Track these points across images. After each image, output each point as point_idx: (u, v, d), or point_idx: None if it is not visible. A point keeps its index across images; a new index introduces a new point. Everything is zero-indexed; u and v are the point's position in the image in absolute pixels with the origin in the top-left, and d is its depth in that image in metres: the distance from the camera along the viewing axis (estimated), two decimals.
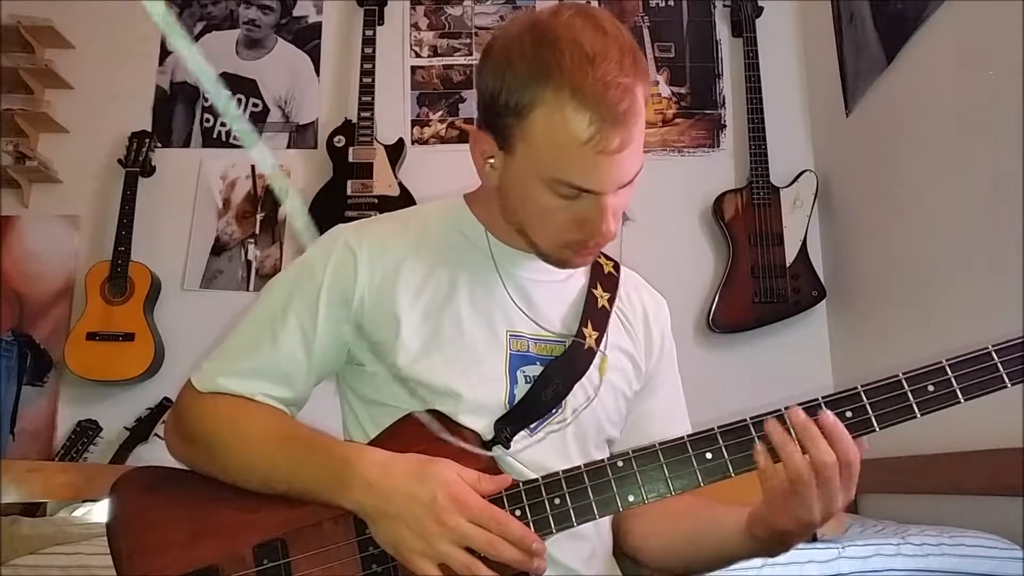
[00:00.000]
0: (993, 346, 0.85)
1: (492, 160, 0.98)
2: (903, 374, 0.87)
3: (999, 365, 0.84)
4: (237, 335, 1.05)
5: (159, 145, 2.93)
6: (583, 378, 1.04)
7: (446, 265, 1.05)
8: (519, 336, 1.03)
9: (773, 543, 0.91)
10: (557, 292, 1.08)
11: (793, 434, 0.85)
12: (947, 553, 1.53)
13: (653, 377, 1.15)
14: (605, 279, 1.12)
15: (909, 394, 0.86)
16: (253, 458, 0.96)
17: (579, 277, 1.11)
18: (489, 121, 0.95)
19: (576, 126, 0.87)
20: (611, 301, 1.11)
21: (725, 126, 2.94)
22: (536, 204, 0.95)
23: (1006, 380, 0.84)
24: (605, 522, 1.10)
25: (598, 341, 1.06)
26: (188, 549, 0.94)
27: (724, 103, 2.95)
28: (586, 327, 1.06)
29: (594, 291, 1.10)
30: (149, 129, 2.93)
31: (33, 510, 2.22)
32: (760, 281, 2.63)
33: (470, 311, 1.02)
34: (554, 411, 1.03)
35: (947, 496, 1.88)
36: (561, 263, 1.03)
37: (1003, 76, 1.73)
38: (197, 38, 3.06)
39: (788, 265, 2.64)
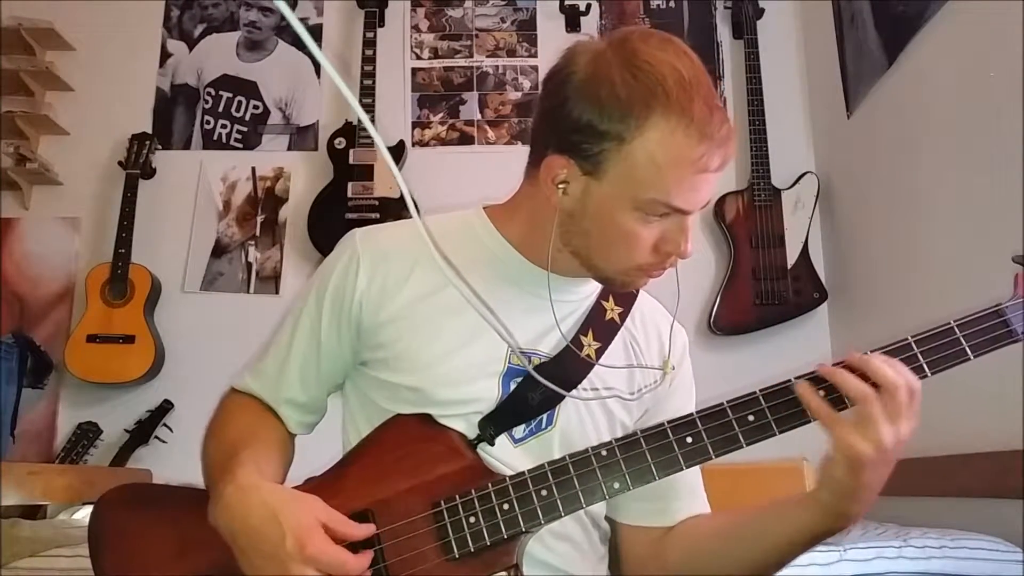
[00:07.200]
0: (955, 321, 0.91)
1: (565, 185, 0.96)
2: (872, 352, 0.89)
3: (961, 339, 0.90)
4: (271, 337, 1.11)
5: (159, 147, 2.93)
6: (576, 389, 1.02)
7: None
8: (521, 352, 1.02)
9: (853, 486, 0.86)
10: (571, 311, 1.07)
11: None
12: (949, 556, 1.52)
13: (664, 409, 1.11)
14: (621, 294, 1.10)
15: None
16: (206, 450, 1.03)
17: (595, 295, 1.09)
18: (573, 146, 0.93)
19: (686, 148, 0.89)
20: (622, 316, 1.09)
21: None
22: (617, 228, 0.94)
23: (968, 352, 0.90)
24: (594, 532, 1.08)
25: (599, 352, 1.05)
26: (176, 561, 0.95)
27: (725, 105, 2.95)
28: (585, 335, 1.05)
29: (603, 302, 1.08)
30: (150, 131, 2.93)
31: (33, 512, 2.22)
32: (761, 283, 2.63)
33: (474, 323, 1.00)
34: (545, 423, 1.02)
35: (949, 498, 1.87)
36: (624, 285, 1.03)
37: (1003, 76, 1.73)
38: (198, 40, 3.07)
39: (789, 267, 2.64)
